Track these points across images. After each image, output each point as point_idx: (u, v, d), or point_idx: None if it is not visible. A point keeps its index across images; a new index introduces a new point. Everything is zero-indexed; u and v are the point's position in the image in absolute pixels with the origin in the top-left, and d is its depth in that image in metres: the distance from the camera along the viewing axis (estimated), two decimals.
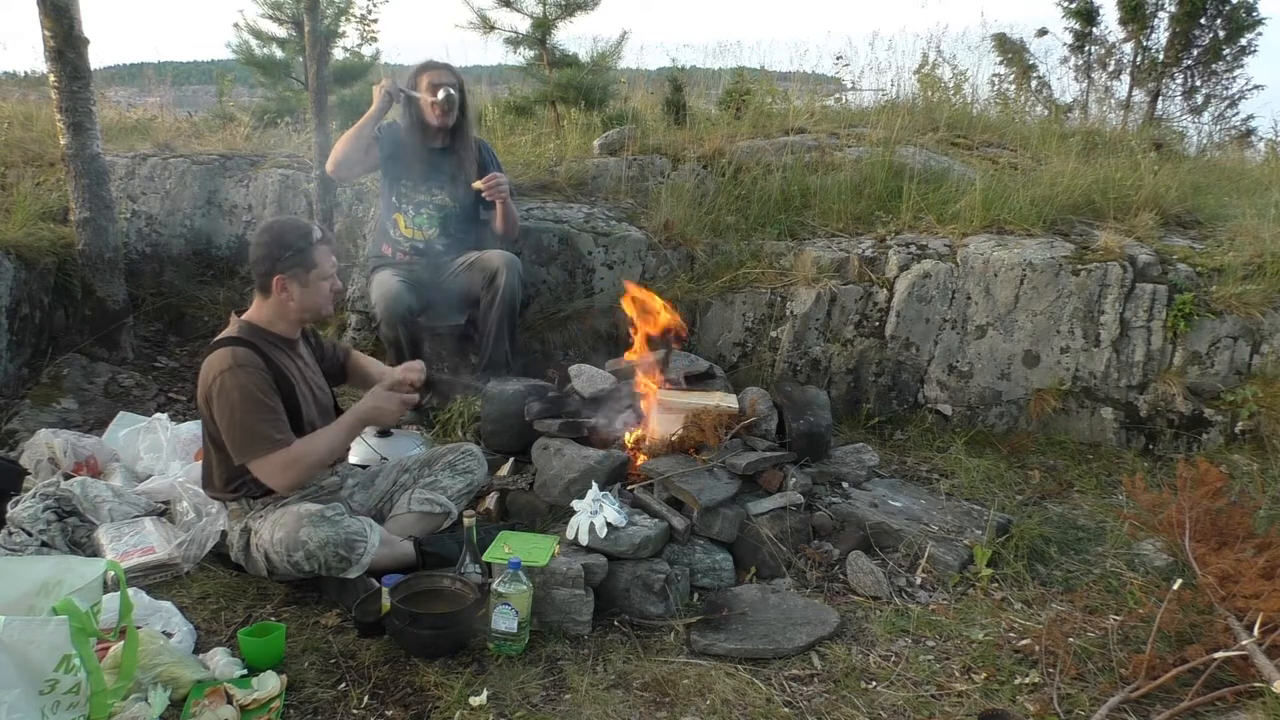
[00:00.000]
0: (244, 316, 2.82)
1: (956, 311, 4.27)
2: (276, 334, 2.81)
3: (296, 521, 2.62)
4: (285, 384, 2.73)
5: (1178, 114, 10.00)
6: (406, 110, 3.94)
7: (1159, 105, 9.89)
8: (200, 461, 3.41)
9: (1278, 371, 4.11)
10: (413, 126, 3.92)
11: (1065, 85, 10.74)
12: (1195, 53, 10.00)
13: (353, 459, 3.30)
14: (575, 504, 2.83)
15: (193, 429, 3.64)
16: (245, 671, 2.34)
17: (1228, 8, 9.81)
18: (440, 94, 3.82)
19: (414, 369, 3.01)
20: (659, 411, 3.24)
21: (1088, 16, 10.41)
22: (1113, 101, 10.11)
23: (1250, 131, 9.81)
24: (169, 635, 2.38)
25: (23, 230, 4.27)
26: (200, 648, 2.45)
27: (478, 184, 3.85)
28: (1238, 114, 10.28)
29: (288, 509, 2.70)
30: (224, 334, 2.78)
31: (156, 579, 2.77)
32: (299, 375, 2.83)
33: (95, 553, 2.84)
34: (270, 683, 2.25)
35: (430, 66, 3.91)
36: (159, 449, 3.45)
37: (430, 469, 3.06)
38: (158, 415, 3.64)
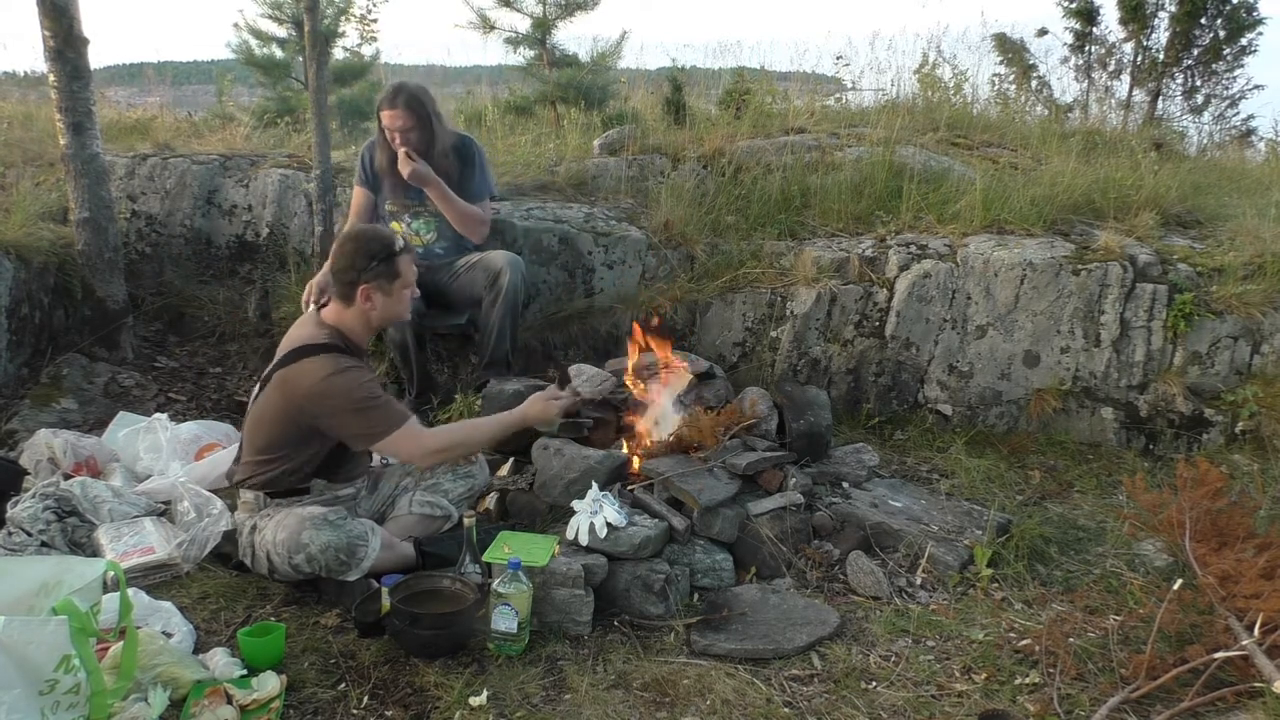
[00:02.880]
0: (328, 320, 2.81)
1: (956, 311, 4.27)
2: (354, 342, 2.83)
3: (299, 524, 2.62)
4: None
5: (1178, 114, 10.02)
6: (378, 130, 3.91)
7: (1159, 105, 9.91)
8: (199, 461, 3.42)
9: (1278, 372, 4.11)
10: (383, 149, 3.90)
11: (1065, 85, 10.78)
12: (1195, 52, 10.02)
13: None
14: (575, 504, 2.82)
15: (193, 429, 3.64)
16: (245, 671, 2.33)
17: (1228, 8, 9.82)
18: (400, 153, 3.77)
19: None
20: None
21: (1088, 16, 10.42)
22: (1113, 101, 10.13)
23: (1250, 131, 9.82)
24: (169, 635, 2.38)
25: (22, 230, 4.26)
26: (200, 648, 2.45)
27: (402, 167, 3.75)
28: (1238, 114, 10.31)
29: (292, 511, 2.70)
30: (315, 340, 2.75)
31: (156, 579, 2.77)
32: None
33: (95, 553, 2.84)
34: (270, 683, 2.25)
35: (388, 101, 3.82)
36: (159, 449, 3.44)
37: (431, 471, 3.05)
38: (157, 415, 3.63)
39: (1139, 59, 10.12)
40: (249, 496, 2.81)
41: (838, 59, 7.98)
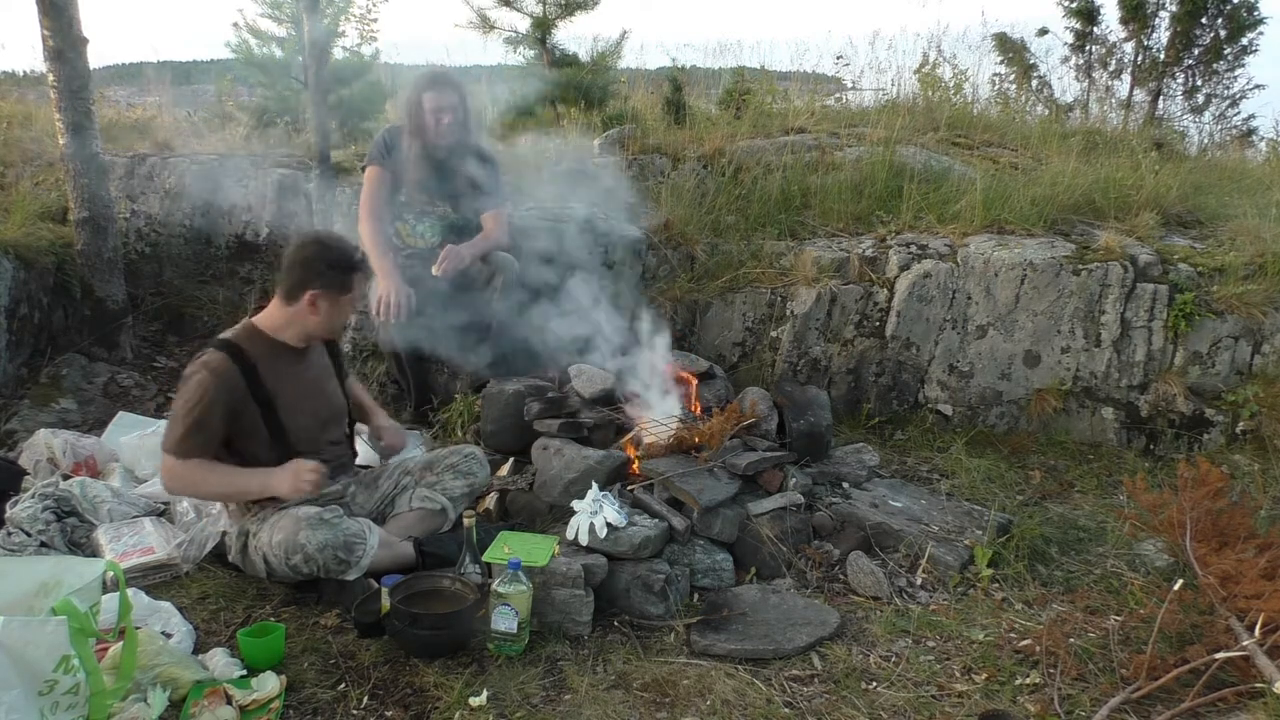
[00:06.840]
0: (253, 319, 2.80)
1: (957, 311, 4.27)
2: (281, 341, 2.78)
3: (295, 524, 2.61)
4: (264, 398, 2.69)
5: (1179, 113, 10.02)
6: (408, 120, 3.89)
7: (1160, 105, 9.91)
8: None
9: (1279, 371, 4.11)
10: (414, 137, 3.86)
11: (1066, 85, 10.78)
12: (1196, 52, 10.01)
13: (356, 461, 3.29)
14: (575, 504, 2.82)
15: None
16: (245, 672, 2.33)
17: (1229, 7, 9.81)
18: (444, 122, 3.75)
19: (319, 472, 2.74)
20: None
21: (1088, 16, 10.42)
22: (1113, 101, 10.13)
23: (1251, 131, 9.82)
24: (168, 636, 2.38)
25: (22, 230, 4.27)
26: (200, 648, 2.45)
27: (435, 270, 3.68)
28: (1239, 113, 10.30)
29: (286, 512, 2.68)
30: (221, 334, 2.80)
31: (156, 579, 2.77)
32: (292, 385, 2.77)
33: (94, 553, 2.83)
34: (270, 683, 2.25)
35: (433, 84, 3.80)
36: (159, 455, 3.42)
37: (432, 471, 3.05)
38: (162, 422, 3.62)
39: (1139, 59, 10.12)
40: (233, 505, 2.81)
41: (838, 59, 7.99)
